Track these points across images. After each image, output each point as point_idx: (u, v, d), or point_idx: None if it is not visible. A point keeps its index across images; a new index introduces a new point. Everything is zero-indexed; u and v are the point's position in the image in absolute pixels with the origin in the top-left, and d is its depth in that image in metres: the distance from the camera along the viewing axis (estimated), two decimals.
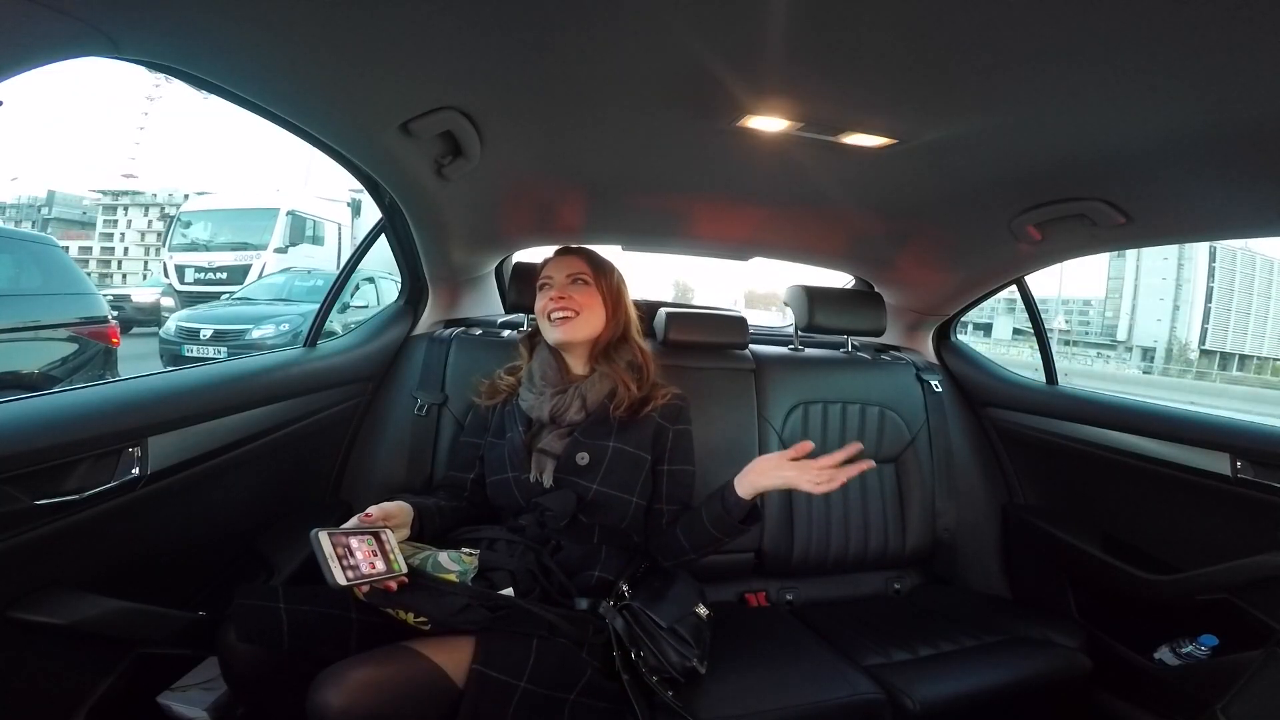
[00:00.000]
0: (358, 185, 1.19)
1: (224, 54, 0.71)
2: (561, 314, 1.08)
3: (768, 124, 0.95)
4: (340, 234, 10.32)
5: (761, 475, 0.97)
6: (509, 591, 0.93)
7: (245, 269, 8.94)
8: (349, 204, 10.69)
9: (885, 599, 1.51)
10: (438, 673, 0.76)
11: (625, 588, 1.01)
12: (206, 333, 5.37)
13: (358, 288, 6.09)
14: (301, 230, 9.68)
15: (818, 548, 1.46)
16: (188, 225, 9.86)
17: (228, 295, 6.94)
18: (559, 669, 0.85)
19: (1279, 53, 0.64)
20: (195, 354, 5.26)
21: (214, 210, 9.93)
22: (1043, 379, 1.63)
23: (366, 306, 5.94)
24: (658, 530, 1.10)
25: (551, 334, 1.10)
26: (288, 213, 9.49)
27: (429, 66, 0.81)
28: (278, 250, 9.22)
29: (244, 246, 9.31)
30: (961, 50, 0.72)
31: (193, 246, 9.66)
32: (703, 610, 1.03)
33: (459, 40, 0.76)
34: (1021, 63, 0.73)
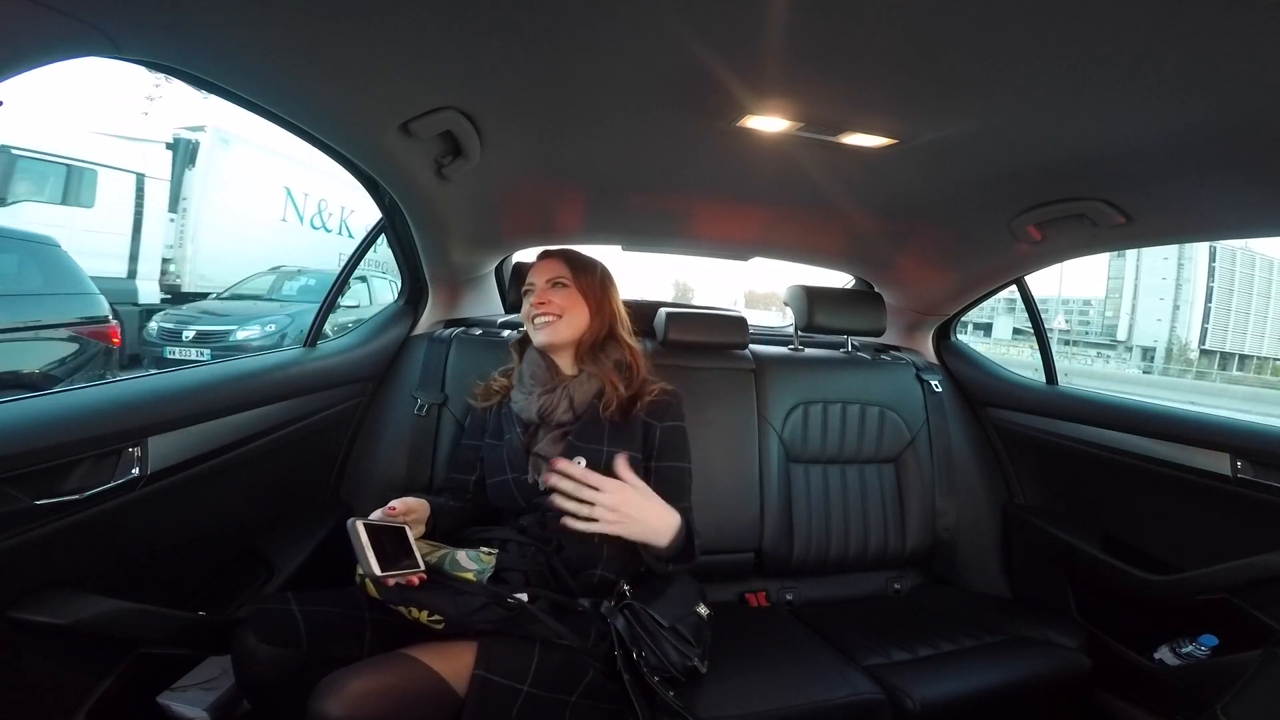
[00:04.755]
0: (194, 121, 0.91)
1: (224, 54, 0.71)
2: (544, 318, 1.10)
3: (768, 124, 0.95)
4: (142, 188, 6.19)
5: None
6: (523, 597, 0.93)
7: None
8: (168, 145, 6.46)
9: (885, 599, 1.51)
10: (438, 681, 0.76)
11: (626, 587, 1.01)
12: (189, 334, 5.19)
13: (349, 286, 5.85)
14: (9, 176, 5.21)
15: (818, 548, 1.46)
16: None
17: (214, 294, 6.25)
18: (562, 672, 0.85)
19: (1278, 53, 0.64)
20: (178, 356, 5.05)
21: None
22: (1043, 379, 1.63)
23: (358, 306, 5.78)
24: None
25: (536, 337, 1.12)
26: None
27: (429, 67, 0.81)
28: None
29: None
30: (961, 50, 0.72)
31: None
32: (703, 610, 1.03)
33: (459, 40, 0.76)
34: (1021, 63, 0.73)
